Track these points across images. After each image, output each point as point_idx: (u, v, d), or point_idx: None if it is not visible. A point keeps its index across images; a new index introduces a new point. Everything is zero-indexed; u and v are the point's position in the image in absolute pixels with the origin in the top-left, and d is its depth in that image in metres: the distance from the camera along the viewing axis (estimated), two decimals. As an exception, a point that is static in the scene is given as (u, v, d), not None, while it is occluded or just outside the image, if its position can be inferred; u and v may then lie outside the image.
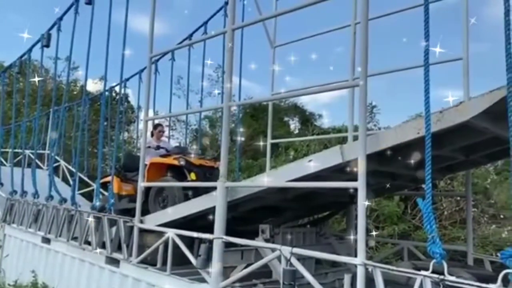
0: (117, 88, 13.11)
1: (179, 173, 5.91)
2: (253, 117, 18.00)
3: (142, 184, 5.57)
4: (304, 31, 7.30)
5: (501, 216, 9.55)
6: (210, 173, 5.91)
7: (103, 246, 6.04)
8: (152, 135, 7.05)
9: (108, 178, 6.66)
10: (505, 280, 2.75)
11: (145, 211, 5.60)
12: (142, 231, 5.45)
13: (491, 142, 3.93)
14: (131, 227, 5.50)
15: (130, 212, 5.91)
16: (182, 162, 5.77)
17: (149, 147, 6.51)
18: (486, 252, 7.47)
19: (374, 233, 8.36)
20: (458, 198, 8.73)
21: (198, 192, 5.24)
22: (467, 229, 5.71)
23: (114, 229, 5.93)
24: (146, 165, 5.88)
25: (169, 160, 5.98)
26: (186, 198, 5.44)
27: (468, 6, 5.30)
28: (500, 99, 2.91)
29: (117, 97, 14.50)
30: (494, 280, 2.76)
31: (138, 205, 5.54)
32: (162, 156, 6.38)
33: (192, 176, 5.72)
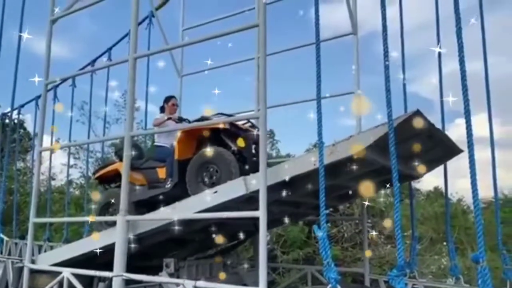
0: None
1: (220, 142, 4.67)
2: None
3: (34, 219, 5.12)
4: (214, 60, 7.39)
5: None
6: (255, 142, 4.46)
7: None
8: (162, 110, 5.72)
9: (113, 167, 5.32)
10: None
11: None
12: (33, 272, 4.97)
13: (382, 170, 4.27)
14: (21, 268, 5.00)
15: (151, 204, 4.77)
16: (228, 126, 4.49)
17: (169, 118, 5.37)
18: (383, 272, 7.99)
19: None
20: (357, 221, 9.27)
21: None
22: (364, 251, 6.09)
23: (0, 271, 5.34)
24: (161, 146, 5.24)
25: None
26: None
27: (359, 44, 5.89)
28: (384, 134, 3.21)
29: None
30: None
31: (29, 241, 5.07)
32: None
33: (240, 142, 4.41)
